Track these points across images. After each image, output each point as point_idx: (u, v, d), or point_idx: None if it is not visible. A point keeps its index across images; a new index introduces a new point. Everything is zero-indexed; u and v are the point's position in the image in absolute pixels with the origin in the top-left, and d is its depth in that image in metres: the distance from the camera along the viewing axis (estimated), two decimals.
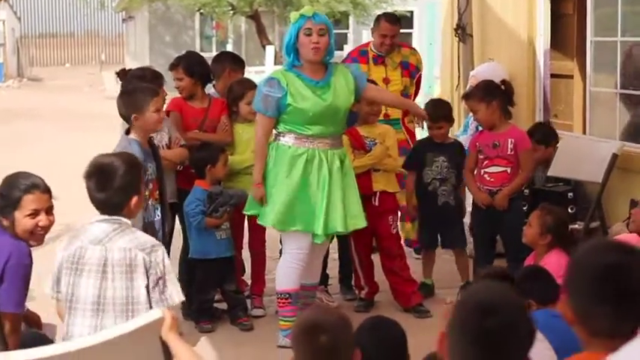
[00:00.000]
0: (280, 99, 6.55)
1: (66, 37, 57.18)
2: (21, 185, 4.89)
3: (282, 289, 6.73)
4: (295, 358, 3.36)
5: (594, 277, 2.72)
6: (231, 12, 31.47)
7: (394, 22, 8.56)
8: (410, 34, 28.33)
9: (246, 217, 7.21)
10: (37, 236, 4.94)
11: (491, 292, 2.73)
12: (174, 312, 3.67)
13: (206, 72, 7.43)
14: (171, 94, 7.33)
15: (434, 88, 17.71)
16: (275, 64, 27.03)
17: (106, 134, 10.02)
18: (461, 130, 9.64)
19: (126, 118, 6.17)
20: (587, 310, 2.74)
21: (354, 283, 7.72)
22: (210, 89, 7.62)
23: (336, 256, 7.92)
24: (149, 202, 6.00)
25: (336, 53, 6.90)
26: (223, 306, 7.32)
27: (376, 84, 7.66)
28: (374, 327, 4.07)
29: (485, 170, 7.33)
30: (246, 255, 7.56)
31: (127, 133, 6.18)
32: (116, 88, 25.32)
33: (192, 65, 7.37)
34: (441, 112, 7.77)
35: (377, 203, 7.35)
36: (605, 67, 8.58)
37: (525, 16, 9.51)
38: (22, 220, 4.87)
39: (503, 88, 7.43)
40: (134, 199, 4.43)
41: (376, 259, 7.58)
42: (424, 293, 7.63)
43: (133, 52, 44.13)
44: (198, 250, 7.08)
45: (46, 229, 4.95)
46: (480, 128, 8.57)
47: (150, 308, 4.19)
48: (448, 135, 7.83)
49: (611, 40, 8.32)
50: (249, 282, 7.56)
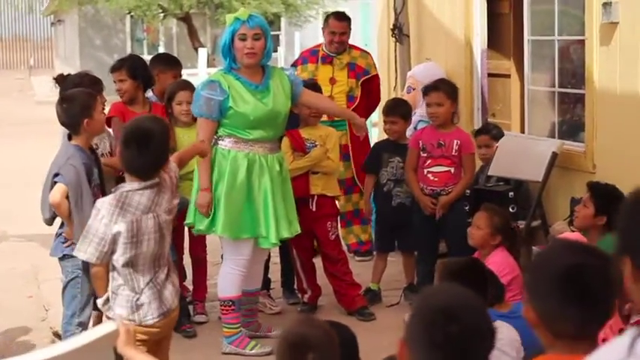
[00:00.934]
0: (222, 102, 6.47)
1: None
2: None
3: (226, 296, 6.64)
4: None
5: (558, 280, 2.68)
6: (162, 14, 31.25)
7: (341, 19, 8.57)
8: None
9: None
10: None
11: (451, 297, 2.68)
12: (129, 324, 3.66)
13: (148, 76, 7.30)
14: (110, 98, 7.20)
15: None
16: (208, 66, 26.91)
17: (39, 140, 9.87)
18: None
19: (69, 124, 6.04)
20: (551, 312, 2.70)
21: (296, 286, 7.66)
22: (148, 93, 7.49)
23: (278, 260, 7.86)
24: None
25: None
26: None
27: (318, 87, 7.59)
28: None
29: (429, 170, 7.32)
30: (187, 261, 7.46)
31: (69, 139, 6.06)
32: (47, 93, 25.09)
33: (135, 68, 7.21)
34: (396, 107, 7.75)
35: (314, 207, 7.30)
36: (542, 65, 8.61)
37: (462, 15, 9.52)
38: None
39: None
40: (167, 162, 4.91)
41: (318, 262, 7.52)
42: (369, 298, 7.57)
43: (62, 56, 43.61)
44: None
45: None
46: (420, 127, 8.58)
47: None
48: (405, 135, 7.78)
49: (548, 39, 8.35)
50: (191, 288, 7.46)
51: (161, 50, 30.18)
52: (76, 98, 6.07)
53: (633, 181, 6.81)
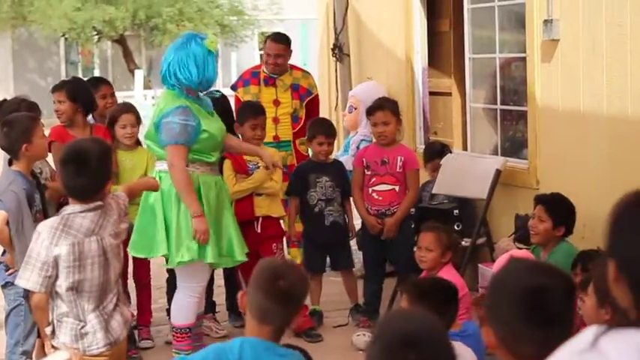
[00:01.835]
0: (195, 127, 6.32)
1: None
2: None
3: (181, 324, 6.51)
4: None
5: (519, 302, 2.66)
6: (97, 37, 31.06)
7: (278, 42, 8.45)
8: None
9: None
10: None
11: (412, 323, 2.63)
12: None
13: (90, 100, 7.18)
14: (48, 121, 7.09)
15: None
16: (144, 88, 26.78)
17: None
18: (341, 150, 9.61)
19: (9, 149, 5.92)
20: (512, 334, 2.68)
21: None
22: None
23: (222, 282, 7.77)
24: None
25: None
26: None
27: (263, 109, 7.52)
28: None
29: (374, 188, 7.30)
30: (130, 285, 7.34)
31: (9, 164, 5.95)
32: None
33: (76, 90, 7.10)
34: (331, 127, 7.71)
35: (259, 229, 7.23)
36: (484, 83, 8.64)
37: (402, 34, 9.55)
38: None
39: None
40: (108, 184, 4.78)
41: None
42: (316, 319, 7.52)
43: None
44: None
45: None
46: (362, 146, 8.58)
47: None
48: (330, 155, 7.73)
49: (489, 56, 8.38)
50: (135, 313, 7.34)
51: (96, 73, 29.99)
52: (17, 122, 5.97)
53: (577, 196, 6.86)
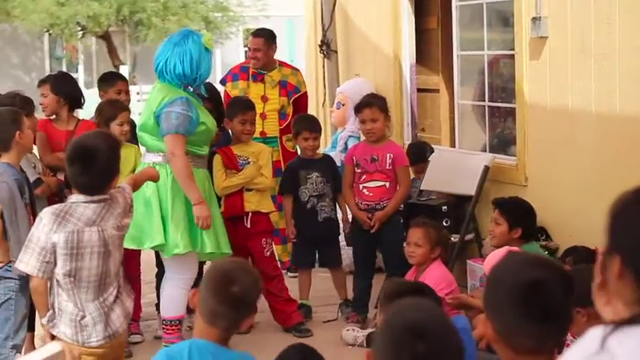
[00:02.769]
0: (195, 119, 6.45)
1: None
2: None
3: (172, 316, 6.57)
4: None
5: (516, 296, 2.68)
6: (81, 32, 30.95)
7: (256, 36, 8.62)
8: None
9: None
10: None
11: (420, 313, 2.63)
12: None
13: (76, 95, 7.22)
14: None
15: None
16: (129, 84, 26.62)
17: None
18: (329, 146, 9.64)
19: (0, 140, 5.94)
20: (511, 328, 2.70)
21: None
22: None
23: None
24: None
25: None
26: None
27: (252, 104, 7.56)
28: (302, 354, 4.10)
29: (364, 185, 7.33)
30: None
31: None
32: None
33: (59, 84, 7.18)
34: (317, 123, 7.73)
35: (249, 225, 7.26)
36: (472, 80, 8.67)
37: (390, 31, 9.57)
38: None
39: None
40: (115, 180, 4.81)
41: None
42: (304, 313, 7.55)
43: None
44: None
45: None
46: (350, 144, 8.60)
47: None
48: (317, 150, 7.76)
49: (477, 53, 8.41)
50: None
51: (80, 69, 29.91)
52: (5, 113, 5.99)
53: (565, 192, 6.92)
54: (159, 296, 7.07)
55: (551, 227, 7.05)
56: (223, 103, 7.96)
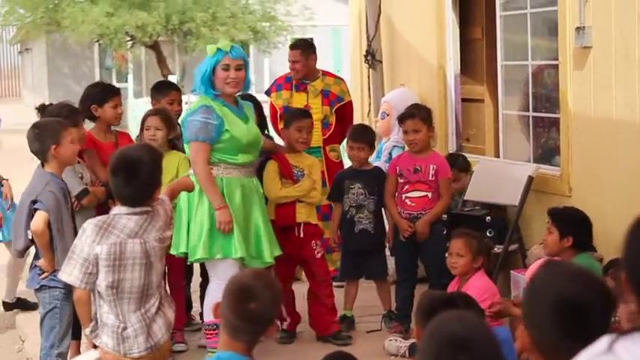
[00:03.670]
0: (217, 126, 6.54)
1: None
2: None
3: (214, 320, 6.59)
4: None
5: (555, 313, 2.64)
6: (130, 42, 31.20)
7: (294, 47, 8.73)
8: None
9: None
10: None
11: (463, 325, 2.62)
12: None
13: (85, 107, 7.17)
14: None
15: None
16: None
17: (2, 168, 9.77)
18: (374, 156, 9.64)
19: (39, 151, 6.01)
20: (548, 342, 2.68)
21: None
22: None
23: None
24: None
25: None
26: None
27: (309, 113, 7.64)
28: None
29: (407, 195, 7.33)
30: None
31: (42, 167, 6.03)
32: (12, 121, 24.84)
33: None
34: (365, 134, 7.73)
35: (302, 234, 7.32)
36: (516, 90, 8.65)
37: (434, 41, 9.57)
38: None
39: None
40: (158, 192, 4.88)
41: (297, 288, 7.50)
42: (345, 325, 7.54)
43: (30, 85, 43.37)
44: None
45: None
46: (395, 154, 8.60)
47: None
48: (367, 161, 7.77)
49: (521, 63, 8.39)
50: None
51: (129, 78, 30.12)
52: (45, 125, 6.07)
53: (609, 203, 6.87)
54: (203, 305, 7.11)
55: (595, 238, 6.99)
56: (263, 113, 8.01)
